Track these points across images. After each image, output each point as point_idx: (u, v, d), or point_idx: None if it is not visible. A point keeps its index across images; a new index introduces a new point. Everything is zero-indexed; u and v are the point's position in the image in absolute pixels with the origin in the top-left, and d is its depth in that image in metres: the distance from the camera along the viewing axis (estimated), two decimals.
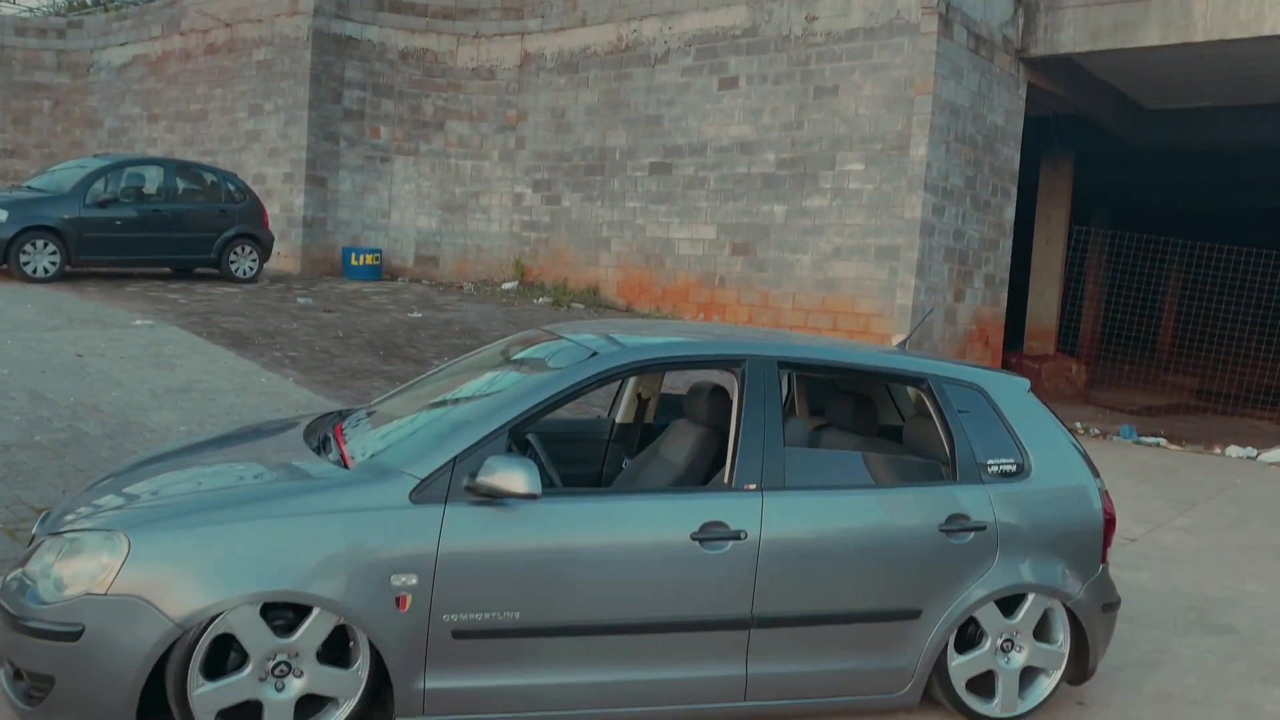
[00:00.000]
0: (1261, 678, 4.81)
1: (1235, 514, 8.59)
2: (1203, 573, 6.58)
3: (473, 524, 3.46)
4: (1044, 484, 4.17)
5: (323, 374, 9.69)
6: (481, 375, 4.29)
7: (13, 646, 3.30)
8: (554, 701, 3.58)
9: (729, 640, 3.73)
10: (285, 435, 4.28)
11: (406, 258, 18.17)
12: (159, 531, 3.31)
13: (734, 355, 4.01)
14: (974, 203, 13.24)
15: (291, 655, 3.33)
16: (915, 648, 3.94)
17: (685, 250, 14.92)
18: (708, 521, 3.68)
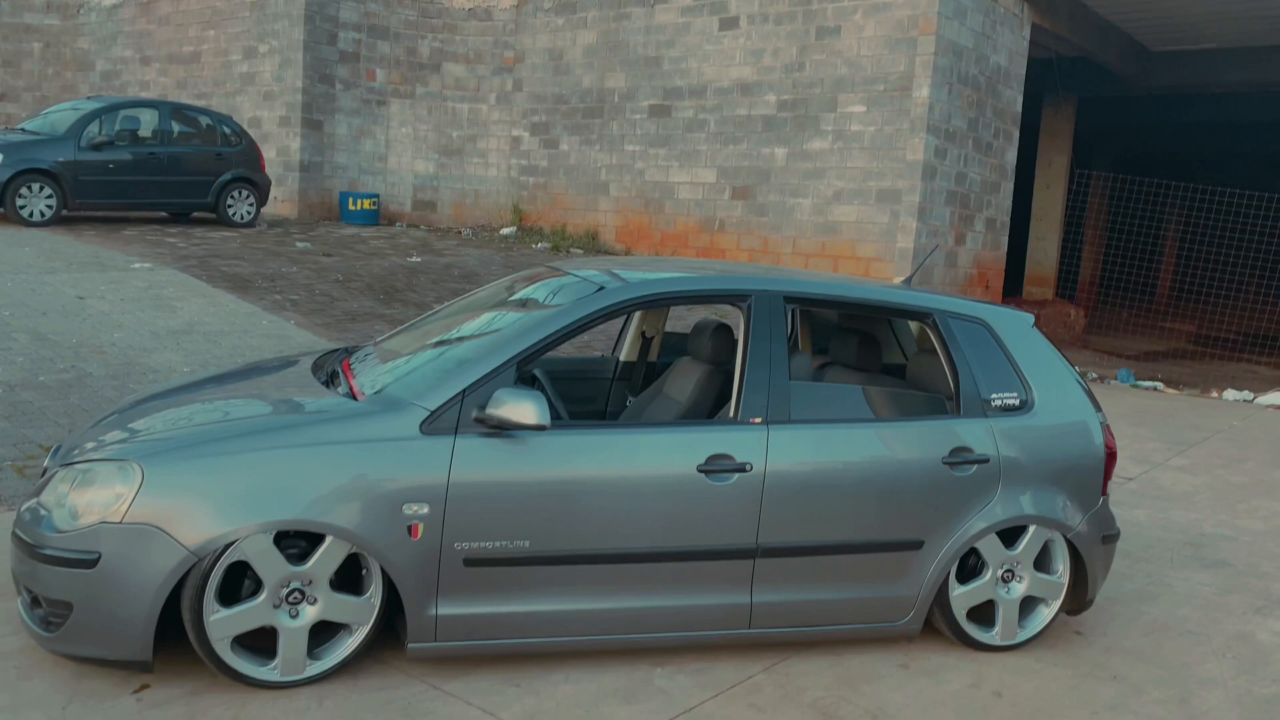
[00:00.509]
0: (1256, 609, 4.90)
1: (1231, 454, 8.66)
2: (1199, 510, 6.66)
3: (482, 455, 3.49)
4: (1047, 418, 4.20)
5: (324, 317, 9.69)
6: (487, 311, 4.30)
7: (30, 574, 3.34)
8: (562, 628, 3.65)
9: (734, 570, 3.78)
10: (292, 370, 4.30)
11: (404, 203, 18.06)
12: (173, 461, 3.33)
13: (740, 290, 4.01)
14: (976, 145, 13.15)
15: (305, 583, 3.38)
16: (917, 578, 4.00)
17: (685, 194, 14.83)
18: (714, 454, 3.72)
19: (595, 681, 3.64)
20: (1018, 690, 3.85)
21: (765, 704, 3.59)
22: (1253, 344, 17.61)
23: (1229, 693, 3.97)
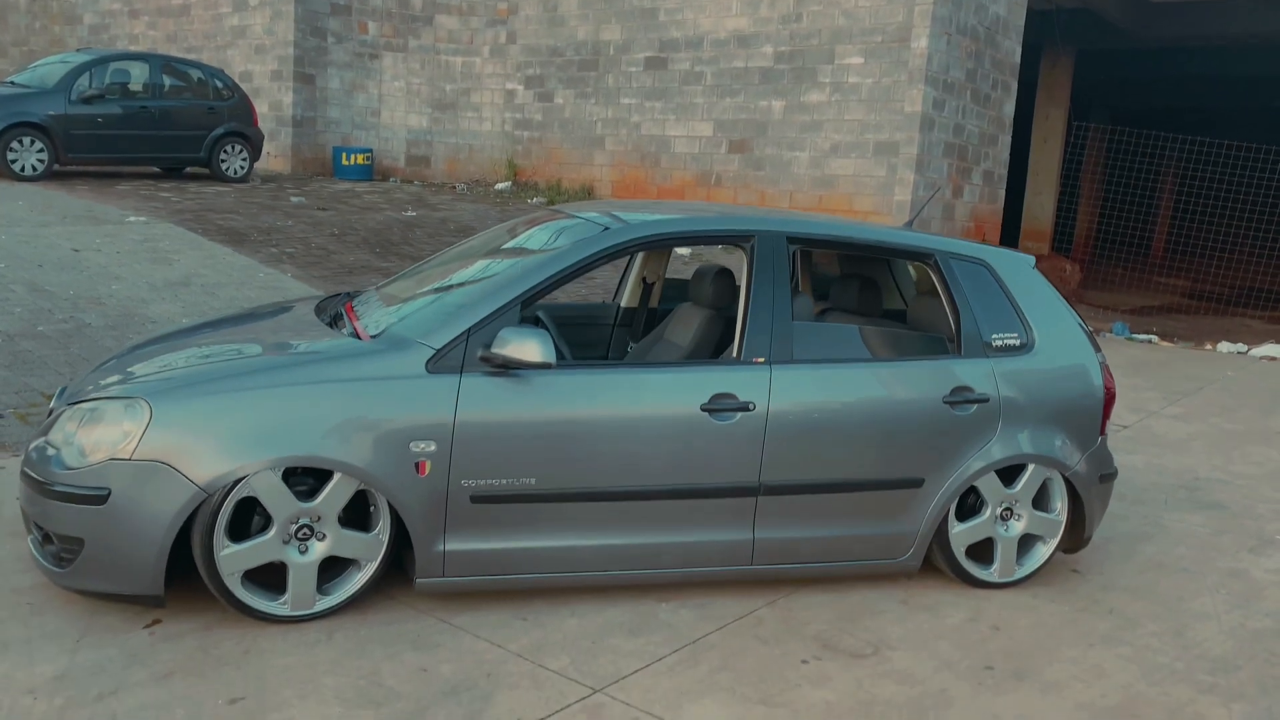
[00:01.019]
0: (1248, 549, 4.97)
1: (1226, 403, 8.72)
2: (1193, 456, 6.72)
3: (488, 393, 3.51)
4: (1047, 358, 4.23)
5: (320, 270, 9.67)
6: (491, 254, 4.30)
7: (41, 512, 3.37)
8: (568, 563, 3.69)
9: (737, 507, 3.82)
10: (295, 313, 4.31)
11: (397, 158, 17.94)
12: (181, 398, 3.35)
13: (744, 230, 4.02)
14: (974, 97, 13.08)
15: (314, 519, 3.41)
16: (917, 515, 4.05)
17: (681, 148, 14.75)
18: (717, 393, 3.74)
19: (601, 615, 3.69)
20: (1015, 624, 3.92)
21: (768, 636, 3.65)
22: (1247, 298, 17.66)
23: (1222, 626, 4.04)
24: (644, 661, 3.40)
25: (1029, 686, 3.43)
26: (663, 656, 3.44)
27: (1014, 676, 3.49)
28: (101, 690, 2.98)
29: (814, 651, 3.57)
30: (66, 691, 2.96)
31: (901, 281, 5.07)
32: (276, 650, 3.28)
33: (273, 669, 3.17)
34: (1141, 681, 3.52)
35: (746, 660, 3.46)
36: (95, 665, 3.11)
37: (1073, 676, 3.52)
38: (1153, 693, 3.44)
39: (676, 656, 3.45)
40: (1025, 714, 3.24)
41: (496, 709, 3.04)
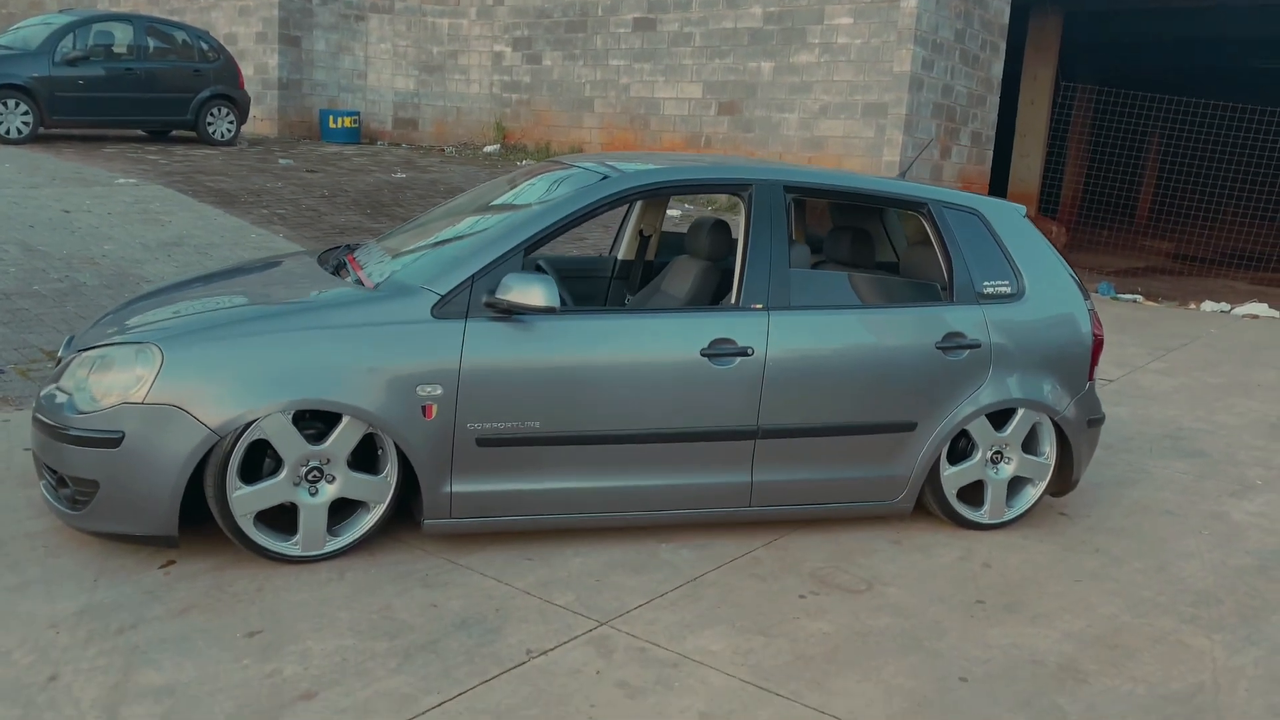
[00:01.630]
0: (1230, 493, 5.10)
1: (1209, 359, 8.86)
2: (1177, 407, 6.86)
3: (493, 338, 3.58)
4: (1037, 305, 4.33)
5: (312, 230, 9.68)
6: (491, 203, 4.36)
7: (55, 455, 3.43)
8: (571, 505, 3.78)
9: (736, 450, 3.91)
10: (299, 262, 4.36)
11: (384, 121, 17.85)
12: (192, 343, 3.41)
13: (742, 179, 4.08)
14: (963, 57, 13.10)
15: (323, 461, 3.49)
16: (910, 458, 4.15)
17: (671, 110, 14.74)
18: (717, 338, 3.82)
19: (604, 555, 3.79)
20: (1005, 562, 4.04)
21: (766, 574, 3.76)
22: (1230, 261, 17.81)
23: (1204, 563, 4.17)
24: (647, 597, 3.50)
25: (1018, 618, 3.55)
26: (665, 592, 3.54)
27: (1004, 609, 3.61)
28: (122, 624, 3.06)
29: (810, 587, 3.68)
30: (88, 625, 3.04)
31: (894, 234, 5.15)
32: (289, 588, 3.37)
33: (287, 605, 3.26)
34: (1127, 613, 3.64)
35: (745, 596, 3.57)
36: (114, 602, 3.19)
37: (1061, 609, 3.64)
38: (1137, 623, 3.57)
39: (678, 593, 3.55)
40: (1016, 643, 3.36)
41: (506, 640, 3.14)
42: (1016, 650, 3.31)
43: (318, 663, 2.93)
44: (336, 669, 2.90)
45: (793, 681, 3.02)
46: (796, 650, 3.21)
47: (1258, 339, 10.21)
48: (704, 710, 2.84)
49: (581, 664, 3.03)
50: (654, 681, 2.97)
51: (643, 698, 2.88)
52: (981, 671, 3.16)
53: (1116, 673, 3.21)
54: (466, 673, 2.94)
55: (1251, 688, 3.17)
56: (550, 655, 3.07)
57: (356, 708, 2.72)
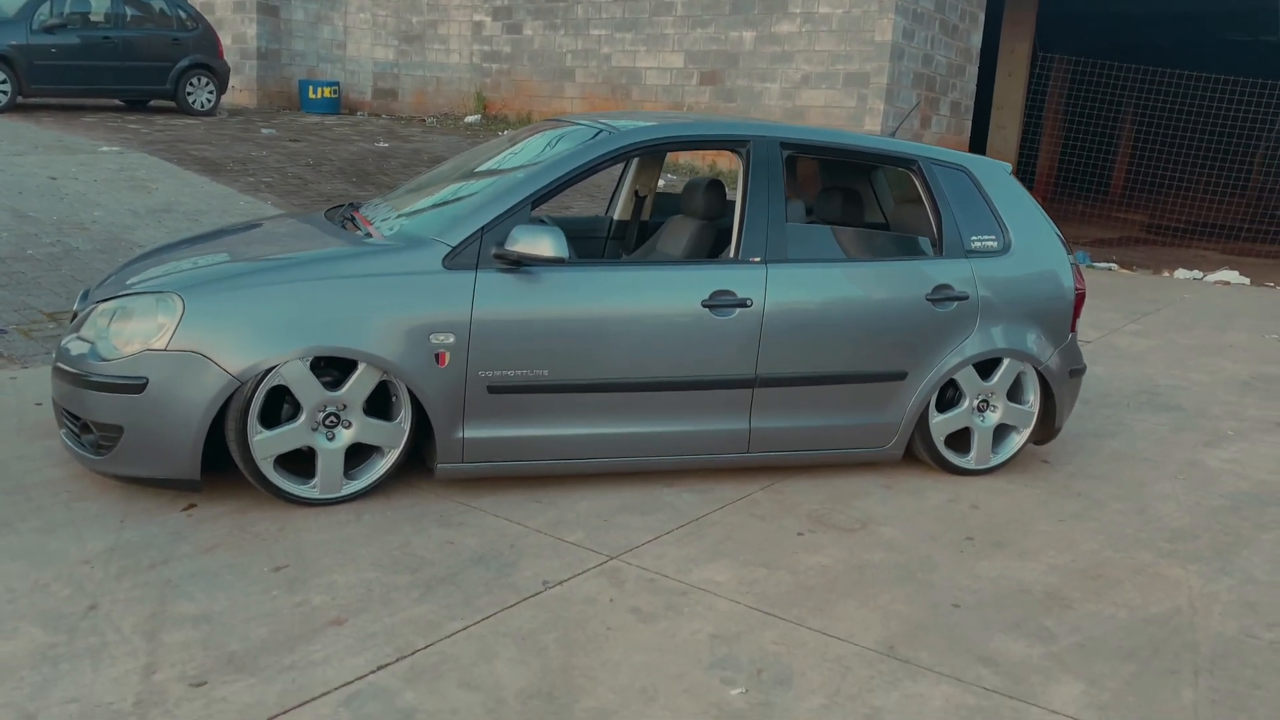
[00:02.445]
0: (1204, 443, 5.31)
1: (1182, 322, 9.10)
2: (1152, 366, 7.07)
3: (502, 289, 3.70)
4: (1022, 259, 4.49)
5: (299, 198, 9.72)
6: (494, 161, 4.46)
7: (79, 403, 3.53)
8: (578, 450, 3.92)
9: (735, 398, 4.06)
10: (307, 219, 4.45)
11: (364, 91, 17.81)
12: (212, 293, 3.51)
13: (740, 135, 4.21)
14: (943, 27, 13.23)
15: (340, 407, 3.60)
16: (901, 406, 4.32)
17: (652, 80, 14.79)
18: (717, 290, 3.96)
19: (610, 498, 3.94)
20: (992, 504, 4.22)
21: (765, 514, 3.92)
22: (1202, 232, 18.12)
23: (1180, 504, 4.37)
24: (653, 534, 3.65)
25: (1006, 553, 3.73)
26: (669, 530, 3.70)
27: (993, 545, 3.79)
28: (152, 560, 3.18)
29: (807, 526, 3.84)
30: (119, 562, 3.16)
31: (881, 195, 5.29)
32: (310, 528, 3.49)
33: (309, 543, 3.38)
34: (1108, 549, 3.83)
35: (746, 533, 3.73)
36: (141, 541, 3.31)
37: (1046, 545, 3.83)
38: (1118, 557, 3.76)
39: (682, 531, 3.71)
40: (1004, 574, 3.54)
41: (522, 572, 3.28)
42: (1005, 581, 3.49)
43: (344, 594, 3.06)
44: (362, 599, 3.04)
45: (795, 608, 3.19)
46: (797, 581, 3.38)
47: (1229, 304, 10.47)
48: (713, 632, 3.00)
49: (595, 593, 3.18)
50: (664, 608, 3.12)
51: (655, 622, 3.04)
52: (972, 599, 3.34)
53: (1100, 599, 3.39)
54: (487, 601, 3.08)
55: (1225, 611, 3.37)
56: (565, 585, 3.22)
57: (385, 632, 2.86)
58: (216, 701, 2.49)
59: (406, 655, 2.75)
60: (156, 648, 2.70)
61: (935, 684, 2.80)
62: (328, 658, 2.72)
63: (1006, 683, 2.84)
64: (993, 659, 2.96)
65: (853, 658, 2.92)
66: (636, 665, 2.79)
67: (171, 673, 2.60)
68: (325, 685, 2.59)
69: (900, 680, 2.82)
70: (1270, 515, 4.30)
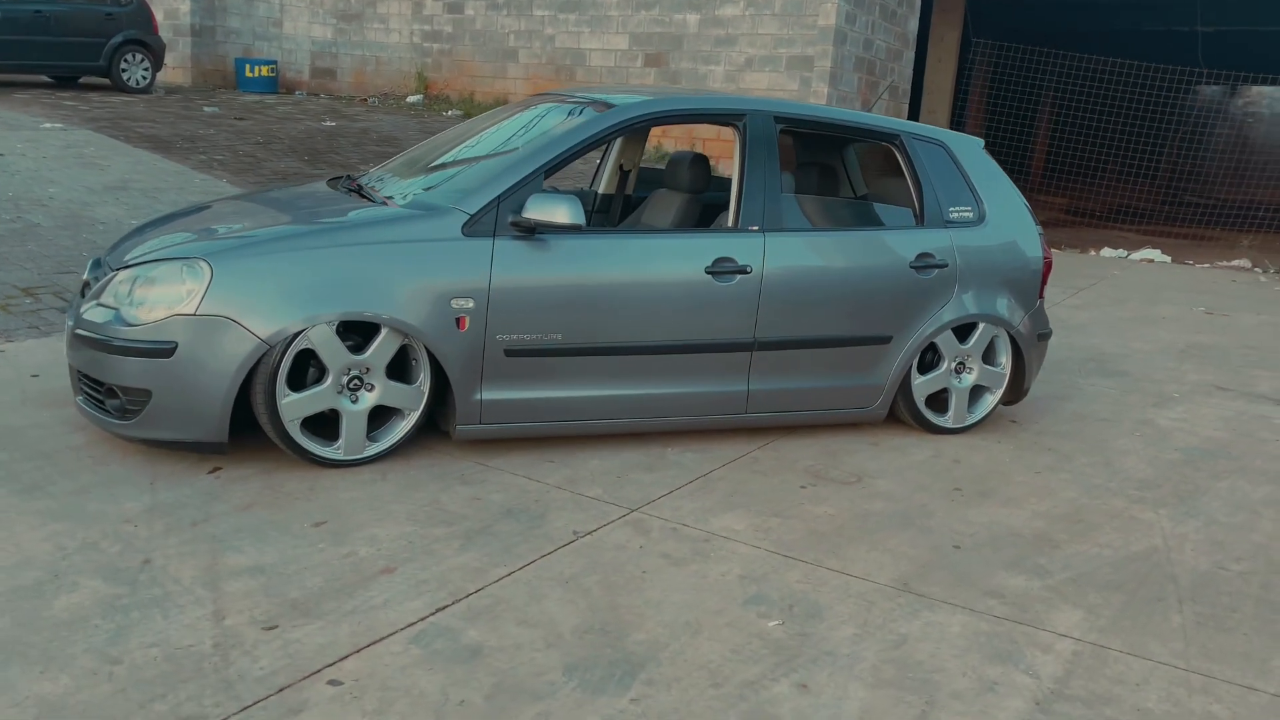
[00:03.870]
0: (1152, 404, 5.68)
1: (1116, 296, 9.58)
2: (1096, 337, 7.47)
3: (519, 256, 3.84)
4: (995, 230, 4.76)
5: (254, 176, 9.64)
6: (492, 133, 4.57)
7: (103, 368, 3.56)
8: (589, 411, 4.08)
9: (734, 361, 4.26)
10: (312, 189, 4.52)
11: (302, 70, 17.56)
12: (239, 258, 3.58)
13: (737, 109, 4.39)
14: (882, 12, 13.58)
15: (363, 371, 3.71)
16: (885, 368, 4.56)
17: (597, 61, 14.89)
18: (719, 257, 4.15)
19: (618, 457, 4.11)
20: (971, 459, 4.49)
21: (766, 470, 4.13)
22: (1119, 216, 18.90)
23: (1141, 458, 4.70)
24: (666, 489, 3.84)
25: (993, 501, 4.00)
26: (681, 485, 3.89)
27: (979, 495, 4.06)
28: (194, 519, 3.26)
29: (808, 480, 4.07)
30: (162, 520, 3.23)
31: (851, 169, 5.52)
32: (338, 487, 3.60)
33: (341, 501, 3.49)
34: (1084, 497, 4.13)
35: (753, 487, 3.94)
36: (177, 501, 3.38)
37: (1028, 494, 4.11)
38: (1094, 504, 4.06)
39: (692, 486, 3.90)
40: (994, 520, 3.81)
41: (552, 524, 3.44)
42: (996, 525, 3.76)
43: (387, 546, 3.19)
44: (406, 550, 3.17)
45: (811, 551, 3.40)
46: (808, 528, 3.59)
47: (1156, 280, 11.03)
48: (741, 573, 3.20)
49: (624, 541, 3.36)
50: (691, 553, 3.31)
51: (685, 565, 3.22)
52: (970, 542, 3.59)
53: (1084, 540, 3.68)
54: (526, 549, 3.23)
55: (1195, 548, 3.68)
56: (595, 535, 3.39)
57: (435, 579, 3.00)
58: (292, 643, 2.60)
59: (461, 599, 2.90)
60: (220, 596, 2.80)
61: (951, 614, 3.04)
62: (387, 602, 2.84)
63: (1014, 611, 3.09)
64: (998, 591, 3.21)
65: (873, 593, 3.14)
66: (677, 603, 2.98)
67: (241, 618, 2.70)
68: (391, 626, 2.72)
69: (919, 611, 3.05)
70: (1222, 466, 4.65)
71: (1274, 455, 4.88)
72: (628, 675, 2.59)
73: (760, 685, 2.59)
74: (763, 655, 2.73)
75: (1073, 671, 2.77)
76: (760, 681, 2.60)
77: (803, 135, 5.13)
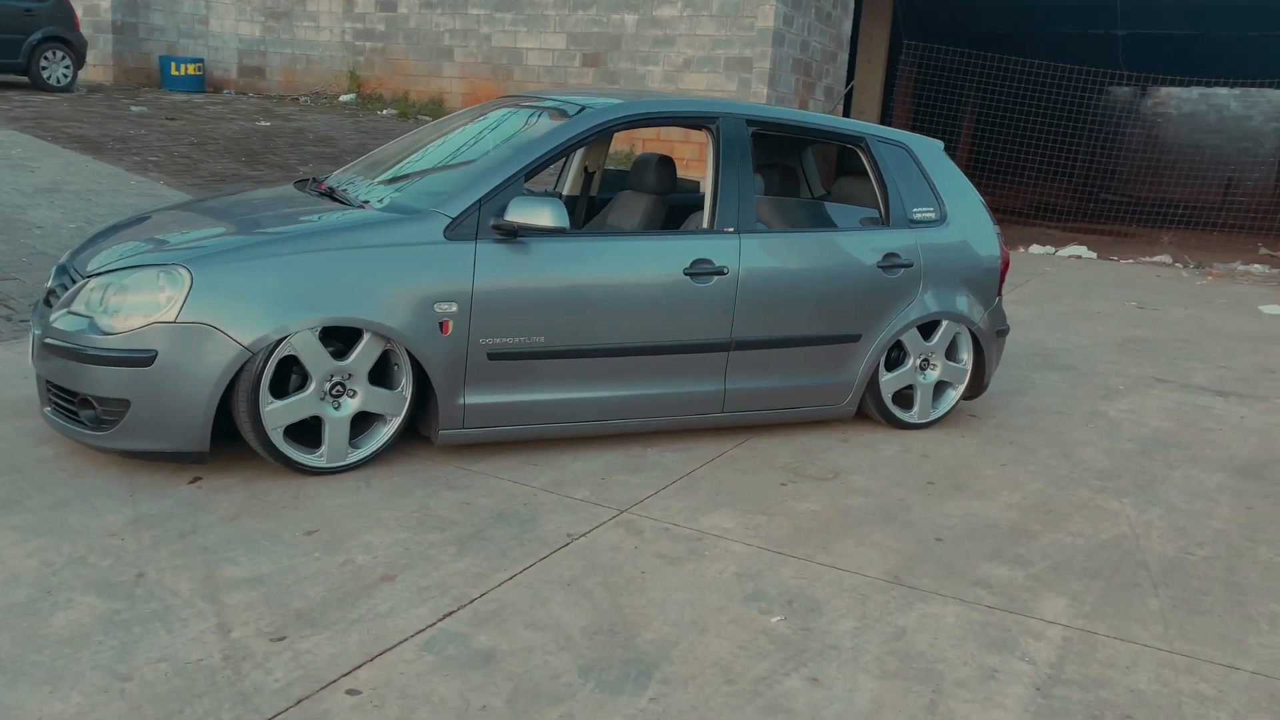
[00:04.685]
0: (1101, 397, 5.88)
1: (1050, 292, 9.88)
2: (1038, 332, 7.70)
3: (501, 259, 3.83)
4: (956, 230, 4.89)
5: (191, 178, 9.41)
6: (461, 135, 4.55)
7: (77, 378, 3.46)
8: (570, 414, 4.09)
9: (712, 361, 4.31)
10: (281, 192, 4.44)
11: (229, 68, 17.18)
12: (220, 264, 3.51)
13: (710, 112, 4.44)
14: (818, 14, 13.78)
15: (346, 377, 3.67)
16: (855, 366, 4.66)
17: (534, 60, 14.84)
18: (697, 259, 4.19)
19: (600, 459, 4.12)
20: (939, 453, 4.61)
21: (746, 468, 4.19)
22: (1041, 214, 19.48)
23: (1098, 449, 4.87)
24: (652, 490, 3.87)
25: (966, 494, 4.11)
26: (666, 486, 3.92)
27: (953, 488, 4.17)
28: (181, 530, 3.19)
29: (788, 478, 4.13)
30: (148, 532, 3.16)
31: (808, 171, 5.62)
32: (323, 495, 3.56)
33: (329, 509, 3.45)
34: (1051, 488, 4.27)
35: (736, 486, 3.99)
36: (161, 513, 3.31)
37: (998, 486, 4.24)
38: (1061, 495, 4.20)
39: (677, 486, 3.94)
40: (970, 512, 3.92)
41: (544, 527, 3.44)
42: (973, 518, 3.87)
43: (383, 553, 3.16)
44: (403, 557, 3.15)
45: (801, 547, 3.47)
46: (795, 525, 3.66)
47: (1086, 276, 11.39)
48: (737, 571, 3.25)
49: (618, 542, 3.38)
50: (686, 552, 3.35)
51: (681, 564, 3.26)
52: (950, 534, 3.69)
53: (1057, 530, 3.81)
54: (522, 553, 3.23)
55: (1162, 535, 3.84)
56: (588, 536, 3.40)
57: (437, 585, 2.99)
58: (303, 654, 2.58)
59: (466, 604, 2.89)
60: (221, 609, 2.76)
61: (944, 604, 3.13)
62: (392, 609, 2.83)
63: (1003, 600, 3.19)
64: (985, 582, 3.31)
65: (866, 587, 3.21)
66: (679, 602, 3.01)
67: (247, 630, 2.66)
68: (400, 634, 2.71)
69: (913, 603, 3.13)
70: (1174, 456, 4.85)
71: (1220, 444, 5.10)
72: (643, 675, 2.61)
73: (772, 680, 2.64)
74: (770, 651, 2.78)
75: (1065, 657, 2.87)
76: (772, 677, 2.65)
77: (761, 137, 5.20)
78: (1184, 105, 33.20)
